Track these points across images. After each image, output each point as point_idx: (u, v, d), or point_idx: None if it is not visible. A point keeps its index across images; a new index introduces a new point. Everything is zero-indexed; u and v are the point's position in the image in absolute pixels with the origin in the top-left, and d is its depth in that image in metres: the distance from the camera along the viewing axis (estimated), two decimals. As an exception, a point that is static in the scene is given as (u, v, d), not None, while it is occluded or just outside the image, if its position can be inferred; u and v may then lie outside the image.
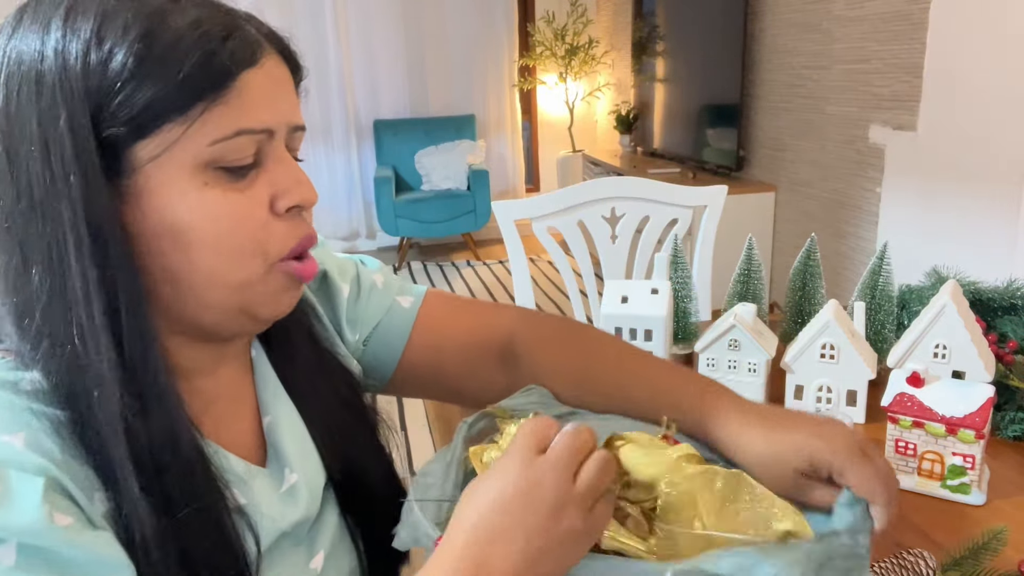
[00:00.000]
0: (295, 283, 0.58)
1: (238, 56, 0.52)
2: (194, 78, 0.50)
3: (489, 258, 5.18)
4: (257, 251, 0.54)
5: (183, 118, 0.50)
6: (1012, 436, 0.96)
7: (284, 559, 0.60)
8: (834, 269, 3.14)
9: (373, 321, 0.77)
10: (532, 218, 1.73)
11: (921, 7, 2.54)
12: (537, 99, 5.86)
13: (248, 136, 0.53)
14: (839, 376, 1.03)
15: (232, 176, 0.53)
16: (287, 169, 0.56)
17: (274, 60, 0.56)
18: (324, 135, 5.36)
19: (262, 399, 0.65)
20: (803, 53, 3.24)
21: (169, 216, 0.51)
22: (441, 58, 5.46)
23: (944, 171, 2.52)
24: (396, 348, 0.77)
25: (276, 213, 0.56)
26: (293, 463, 0.63)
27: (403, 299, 0.79)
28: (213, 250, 0.53)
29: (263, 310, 0.57)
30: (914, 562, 0.67)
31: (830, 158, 3.14)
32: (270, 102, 0.54)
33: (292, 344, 0.68)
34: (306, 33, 5.11)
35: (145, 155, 0.50)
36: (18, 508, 0.44)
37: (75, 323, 0.49)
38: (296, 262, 0.57)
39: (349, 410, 0.70)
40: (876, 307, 1.14)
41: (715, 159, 3.91)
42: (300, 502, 0.62)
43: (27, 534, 0.44)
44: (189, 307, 0.55)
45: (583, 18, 5.33)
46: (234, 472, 0.58)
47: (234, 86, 0.51)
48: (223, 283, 0.54)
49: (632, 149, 5.22)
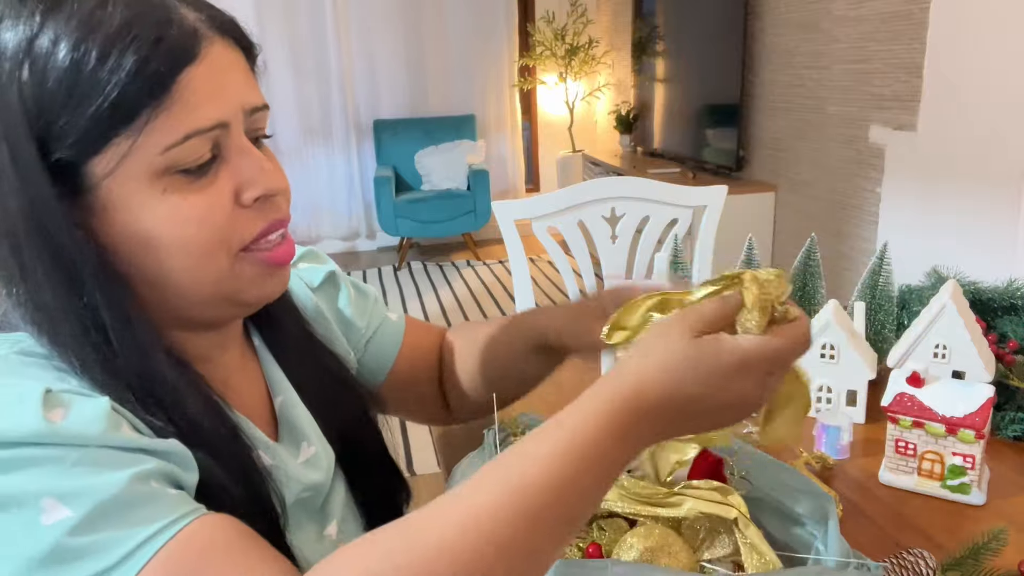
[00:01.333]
0: (275, 267, 0.58)
1: (174, 56, 0.50)
2: (131, 90, 0.48)
3: (489, 258, 5.18)
4: (223, 243, 0.54)
5: (128, 131, 0.49)
6: (1012, 436, 0.96)
7: (300, 528, 0.63)
8: (834, 269, 3.13)
9: (374, 326, 0.82)
10: (532, 218, 1.73)
11: (921, 7, 2.54)
12: (537, 99, 5.86)
13: (199, 137, 0.51)
14: (839, 376, 1.03)
15: (192, 176, 0.52)
16: (249, 159, 0.55)
17: (219, 46, 0.53)
18: (324, 135, 5.36)
19: (271, 380, 0.68)
20: (803, 53, 3.24)
21: (135, 227, 0.51)
22: (441, 58, 5.46)
23: (944, 171, 2.52)
24: (389, 356, 0.82)
25: (243, 205, 0.55)
26: (310, 438, 0.67)
27: (391, 314, 0.85)
28: (183, 254, 0.53)
29: (247, 296, 0.58)
30: (914, 562, 0.67)
31: (830, 158, 3.14)
32: (217, 94, 0.52)
33: (280, 325, 0.69)
34: (306, 33, 5.11)
35: (100, 171, 0.50)
36: (86, 420, 0.46)
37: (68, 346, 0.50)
38: (266, 251, 0.57)
39: (340, 385, 0.72)
40: (876, 307, 1.14)
41: (715, 159, 3.91)
42: (314, 472, 0.65)
43: (100, 440, 0.46)
44: (175, 305, 0.56)
45: (583, 18, 5.33)
46: (259, 439, 0.62)
47: (174, 89, 0.50)
48: (199, 281, 0.54)
49: (632, 149, 5.22)
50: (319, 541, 0.65)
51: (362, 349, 0.81)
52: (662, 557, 0.58)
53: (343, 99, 5.30)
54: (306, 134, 5.32)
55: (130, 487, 0.44)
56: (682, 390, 0.48)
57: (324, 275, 0.79)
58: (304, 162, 5.37)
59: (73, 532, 0.42)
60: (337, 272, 0.80)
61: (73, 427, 0.45)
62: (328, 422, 0.69)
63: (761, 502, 0.69)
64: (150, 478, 0.46)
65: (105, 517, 0.43)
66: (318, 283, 0.78)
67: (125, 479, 0.44)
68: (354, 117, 5.40)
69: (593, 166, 5.07)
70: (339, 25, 5.15)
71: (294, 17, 5.07)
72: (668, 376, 0.47)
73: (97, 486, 0.44)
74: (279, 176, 0.57)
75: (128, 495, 0.44)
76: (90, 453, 0.45)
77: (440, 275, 4.87)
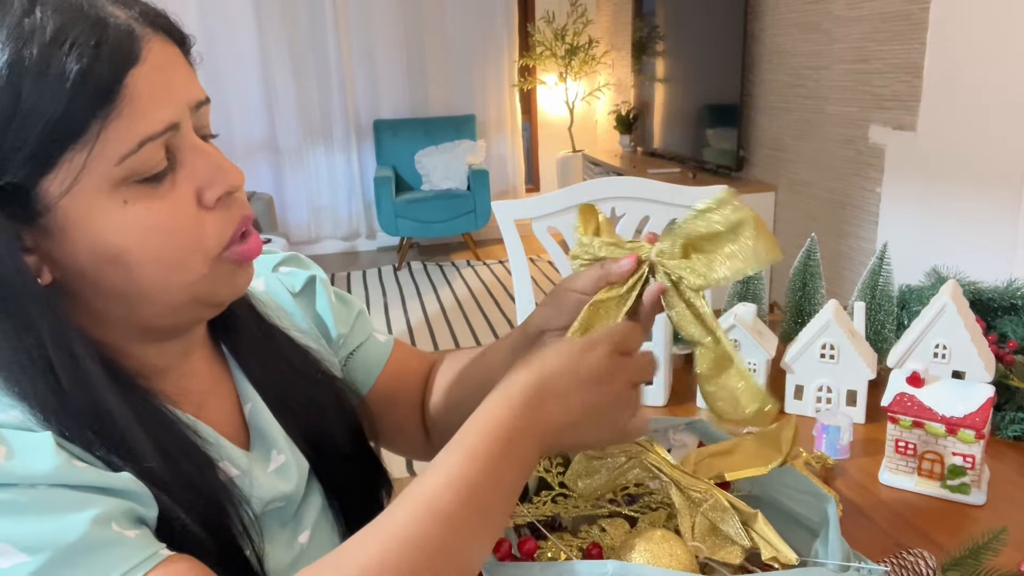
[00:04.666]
0: (245, 262, 0.58)
1: (117, 60, 0.47)
2: (77, 101, 0.46)
3: (489, 258, 5.18)
4: (196, 250, 0.53)
5: (81, 143, 0.47)
6: (1012, 436, 0.96)
7: (273, 536, 0.62)
8: (834, 269, 3.14)
9: (357, 339, 0.81)
10: (532, 218, 1.73)
11: (921, 7, 2.54)
12: (537, 99, 5.86)
13: (153, 142, 0.49)
14: (839, 376, 1.03)
15: (151, 184, 0.50)
16: (205, 158, 0.54)
17: (157, 43, 0.51)
18: (324, 135, 5.36)
19: (240, 387, 0.66)
20: (803, 53, 3.24)
21: (100, 243, 0.50)
22: (441, 58, 5.46)
23: (944, 171, 2.52)
24: (370, 375, 0.81)
25: (206, 206, 0.54)
26: (280, 445, 0.65)
27: (379, 334, 0.84)
28: (153, 264, 0.51)
29: (218, 296, 0.57)
30: (914, 562, 0.67)
31: (830, 158, 3.14)
32: (165, 94, 0.50)
33: (239, 328, 0.68)
34: (306, 33, 5.12)
35: (55, 190, 0.48)
36: (33, 457, 0.44)
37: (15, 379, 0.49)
38: (238, 245, 0.56)
39: (305, 381, 0.70)
40: (876, 307, 1.14)
41: (715, 159, 3.91)
42: (286, 480, 0.64)
43: (51, 478, 0.44)
44: (146, 316, 0.55)
45: (583, 18, 5.33)
46: (227, 449, 0.60)
47: (122, 94, 0.47)
48: (173, 288, 0.53)
49: (632, 149, 5.22)
50: (290, 548, 0.64)
51: (343, 361, 0.79)
52: (663, 558, 0.58)
53: (343, 99, 5.30)
54: (306, 134, 5.32)
55: (91, 532, 0.43)
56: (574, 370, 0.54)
57: (305, 279, 0.77)
58: (304, 162, 5.37)
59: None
60: (319, 278, 0.79)
61: (19, 467, 0.43)
62: (295, 425, 0.67)
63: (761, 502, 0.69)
64: (110, 520, 0.45)
65: (65, 564, 0.42)
66: (299, 287, 0.77)
67: (86, 523, 0.43)
68: (354, 117, 5.40)
69: (593, 166, 5.07)
70: (339, 25, 5.15)
71: (294, 17, 5.07)
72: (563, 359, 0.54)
73: (56, 531, 0.42)
74: (236, 172, 0.56)
75: (89, 541, 0.43)
76: (42, 494, 0.43)
77: (440, 275, 4.87)
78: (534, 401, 0.52)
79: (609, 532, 0.67)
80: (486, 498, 0.49)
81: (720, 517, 0.60)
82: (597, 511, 0.70)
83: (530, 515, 0.68)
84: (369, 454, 0.76)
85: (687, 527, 0.61)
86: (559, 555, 0.63)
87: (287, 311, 0.74)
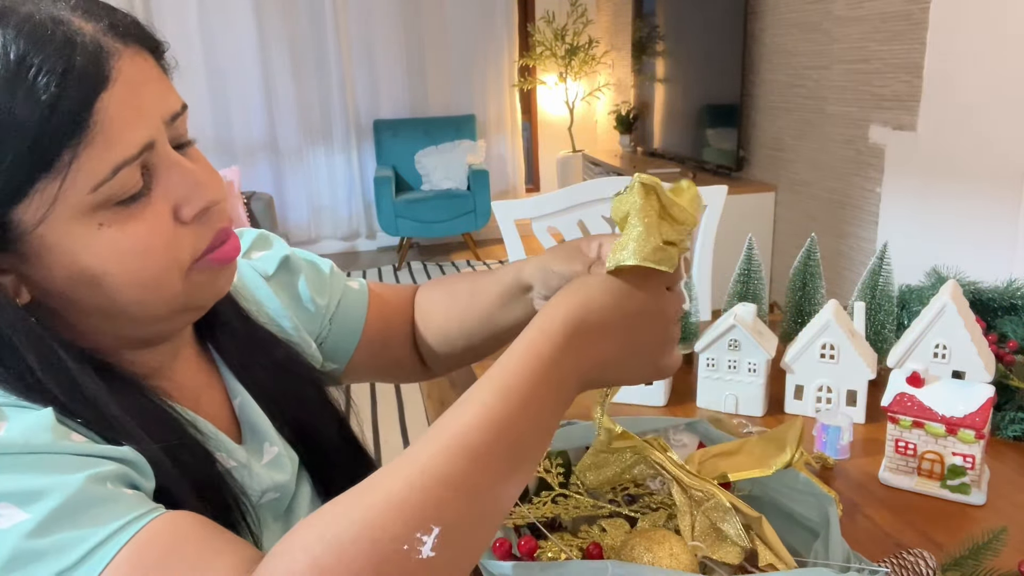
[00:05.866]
0: (223, 266, 0.57)
1: (86, 85, 0.46)
2: (47, 131, 0.45)
3: (489, 258, 5.18)
4: (171, 267, 0.52)
5: (53, 173, 0.46)
6: (1012, 436, 0.96)
7: (267, 529, 0.63)
8: (834, 269, 3.14)
9: (336, 298, 0.81)
10: (532, 218, 1.73)
11: (921, 7, 2.54)
12: (537, 99, 5.86)
13: (129, 166, 0.48)
14: (839, 376, 1.03)
15: (127, 205, 0.49)
16: (182, 174, 0.52)
17: (128, 58, 0.49)
18: (324, 135, 5.36)
19: (228, 383, 0.67)
20: (803, 53, 3.24)
21: (77, 267, 0.49)
22: (441, 58, 5.46)
23: (944, 171, 2.52)
24: (357, 325, 0.81)
25: (183, 222, 0.53)
26: (271, 437, 0.66)
27: (351, 283, 0.83)
28: (131, 285, 0.51)
29: (201, 301, 0.57)
30: (914, 562, 0.67)
31: (830, 158, 3.14)
32: (137, 114, 0.49)
33: (222, 324, 0.68)
34: (306, 33, 5.12)
35: (29, 219, 0.47)
36: (34, 430, 0.44)
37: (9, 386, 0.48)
38: (212, 252, 0.55)
39: (289, 376, 0.70)
40: (876, 307, 1.14)
41: (715, 159, 3.91)
42: (279, 473, 0.65)
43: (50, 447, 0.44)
44: (129, 328, 0.55)
45: (583, 18, 5.33)
46: (223, 443, 0.61)
47: (93, 121, 0.46)
48: (152, 304, 0.53)
49: (632, 149, 5.22)
50: None
51: (327, 326, 0.79)
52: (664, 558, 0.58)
53: (343, 99, 5.30)
54: (306, 134, 5.32)
55: (87, 487, 0.43)
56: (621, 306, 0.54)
57: (278, 262, 0.76)
58: (304, 162, 5.37)
59: (31, 535, 0.41)
60: (291, 256, 0.77)
61: (18, 437, 0.44)
62: (283, 418, 0.68)
63: (761, 502, 0.69)
64: (106, 480, 0.45)
65: (64, 518, 0.42)
66: (273, 271, 0.76)
67: (81, 479, 0.43)
68: (354, 117, 5.40)
69: (593, 166, 5.07)
70: (339, 25, 5.15)
71: (294, 17, 5.07)
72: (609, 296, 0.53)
73: (53, 487, 0.42)
74: (215, 185, 0.54)
75: (85, 495, 0.43)
76: (41, 459, 0.44)
77: (440, 275, 4.87)
78: (577, 339, 0.51)
79: (609, 532, 0.67)
80: (521, 437, 0.47)
81: (721, 517, 0.60)
82: (597, 511, 0.70)
83: (530, 515, 0.68)
84: (355, 445, 0.76)
85: (687, 526, 0.61)
86: (559, 555, 0.63)
87: (262, 302, 0.74)
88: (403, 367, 0.86)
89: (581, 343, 0.51)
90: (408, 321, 0.85)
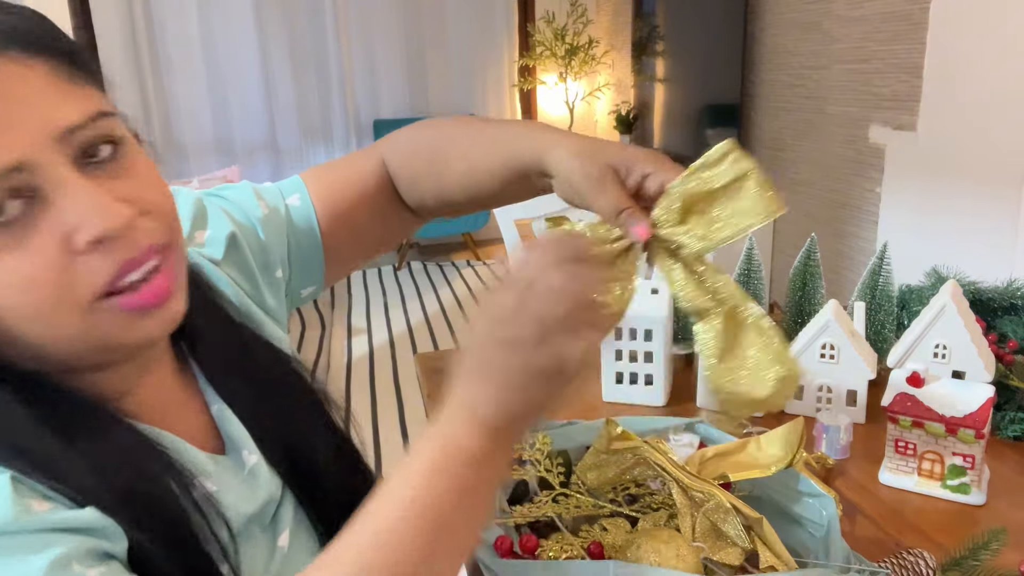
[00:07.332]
0: (143, 312, 0.49)
1: None
2: None
3: (489, 258, 5.18)
4: (63, 303, 0.46)
5: None
6: (1012, 436, 0.96)
7: (254, 541, 0.60)
8: (834, 269, 3.14)
9: (283, 242, 0.74)
10: (532, 218, 1.73)
11: (921, 7, 2.54)
12: (537, 99, 5.85)
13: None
14: (839, 376, 1.03)
15: (4, 233, 0.44)
16: (75, 197, 0.45)
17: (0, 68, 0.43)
18: (324, 135, 5.36)
19: (205, 390, 0.63)
20: (803, 53, 3.24)
21: None
22: (441, 58, 5.46)
23: (944, 171, 2.52)
24: (315, 240, 0.74)
25: (77, 251, 0.46)
26: (250, 444, 0.62)
27: (291, 199, 0.75)
28: (23, 319, 0.45)
29: (119, 344, 0.50)
30: (914, 562, 0.67)
31: (830, 158, 3.14)
32: (3, 133, 0.43)
33: (199, 333, 0.63)
34: (306, 33, 5.12)
35: None
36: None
37: None
38: (121, 296, 0.48)
39: (280, 391, 0.66)
40: (876, 307, 1.14)
41: (715, 159, 3.90)
42: (263, 482, 0.61)
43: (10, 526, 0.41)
44: (57, 362, 0.49)
45: (583, 18, 5.32)
46: (198, 463, 0.57)
47: None
48: (56, 340, 0.47)
49: (632, 149, 5.22)
50: (271, 553, 0.62)
51: (288, 269, 0.74)
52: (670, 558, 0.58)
53: (343, 99, 5.30)
54: (306, 134, 5.32)
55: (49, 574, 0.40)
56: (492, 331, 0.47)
57: (225, 243, 0.68)
58: (304, 162, 5.37)
59: None
60: (236, 233, 0.69)
61: None
62: (264, 433, 0.63)
63: (761, 503, 0.69)
64: (71, 560, 0.41)
65: None
66: (222, 254, 0.68)
67: (44, 566, 0.40)
68: (354, 117, 5.40)
69: (593, 166, 5.06)
70: (339, 25, 5.15)
71: (294, 17, 5.07)
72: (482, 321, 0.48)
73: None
74: (116, 213, 0.46)
75: None
76: (1, 542, 0.40)
77: (440, 275, 4.87)
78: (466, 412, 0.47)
79: (611, 532, 0.67)
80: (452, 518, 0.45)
81: (721, 518, 0.60)
82: (598, 511, 0.70)
83: (531, 515, 0.68)
84: (353, 457, 0.71)
85: (687, 527, 0.61)
86: (560, 554, 0.64)
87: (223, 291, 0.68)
88: (385, 240, 0.81)
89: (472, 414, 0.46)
90: (373, 197, 0.76)
